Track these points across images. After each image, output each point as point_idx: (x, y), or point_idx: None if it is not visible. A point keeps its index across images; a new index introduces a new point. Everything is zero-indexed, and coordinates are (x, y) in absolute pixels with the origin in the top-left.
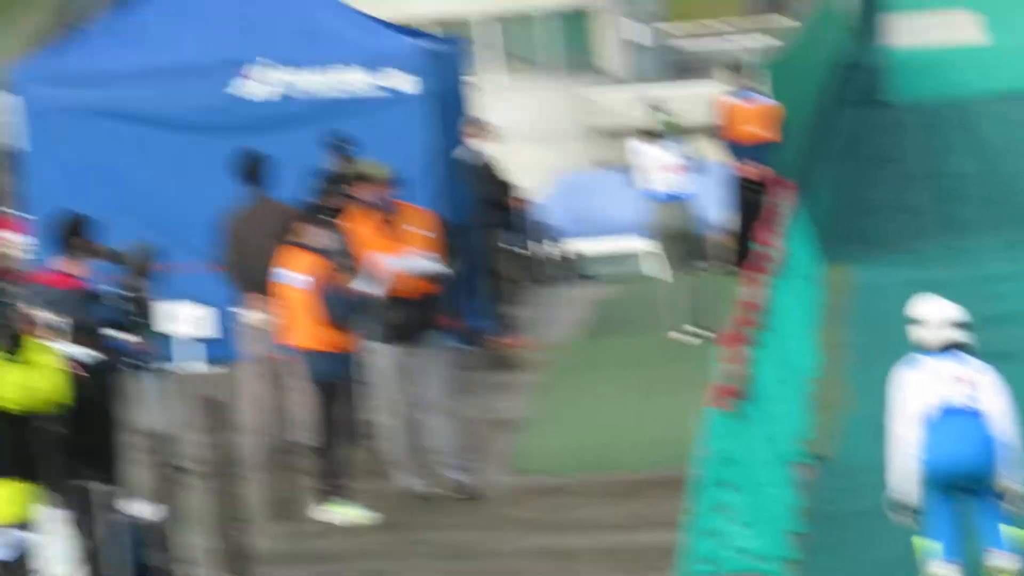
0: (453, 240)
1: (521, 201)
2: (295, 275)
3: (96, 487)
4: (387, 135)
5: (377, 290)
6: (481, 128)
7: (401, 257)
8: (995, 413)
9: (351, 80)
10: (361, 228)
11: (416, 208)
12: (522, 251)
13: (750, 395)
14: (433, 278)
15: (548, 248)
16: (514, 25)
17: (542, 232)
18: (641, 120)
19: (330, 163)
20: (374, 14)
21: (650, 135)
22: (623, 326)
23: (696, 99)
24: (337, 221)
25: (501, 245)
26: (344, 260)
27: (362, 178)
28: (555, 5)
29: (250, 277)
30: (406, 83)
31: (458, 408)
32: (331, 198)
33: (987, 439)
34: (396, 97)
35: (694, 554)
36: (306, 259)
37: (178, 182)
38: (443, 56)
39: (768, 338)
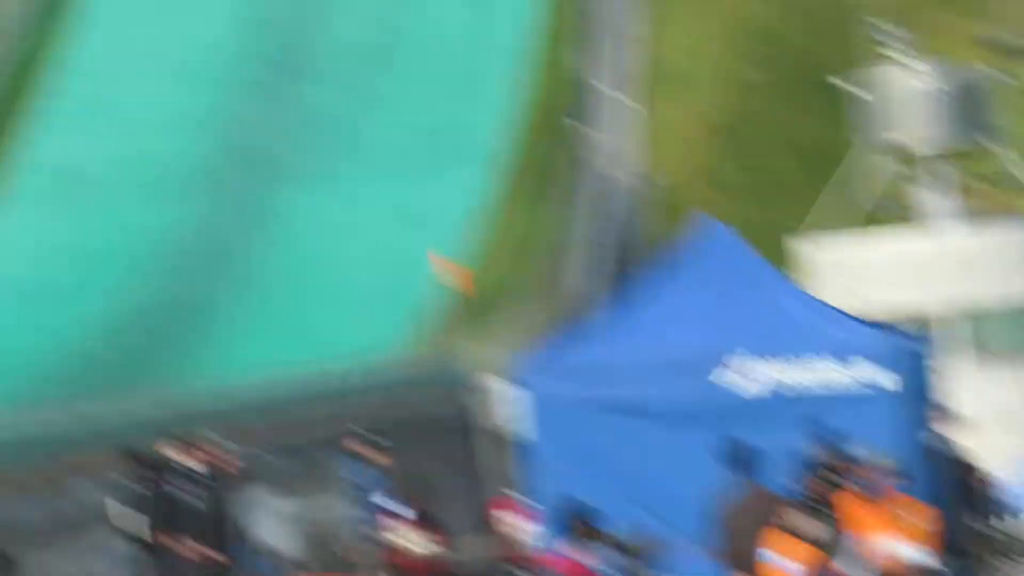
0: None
1: (987, 483)
2: (786, 562)
3: None
4: (864, 426)
5: (866, 574)
6: (948, 415)
7: (893, 543)
8: None
9: (825, 372)
10: (853, 514)
11: (911, 499)
12: (989, 530)
13: None
14: (925, 570)
15: (1014, 527)
16: (972, 317)
17: (1008, 512)
18: None
19: (815, 452)
20: (837, 304)
21: None
22: None
23: None
24: (827, 509)
25: (969, 525)
26: (835, 549)
27: (856, 465)
28: (1014, 299)
29: (742, 563)
30: (881, 377)
31: None
32: (819, 486)
33: None
34: (873, 392)
35: None
36: (796, 547)
37: (670, 470)
38: (912, 348)
39: None
